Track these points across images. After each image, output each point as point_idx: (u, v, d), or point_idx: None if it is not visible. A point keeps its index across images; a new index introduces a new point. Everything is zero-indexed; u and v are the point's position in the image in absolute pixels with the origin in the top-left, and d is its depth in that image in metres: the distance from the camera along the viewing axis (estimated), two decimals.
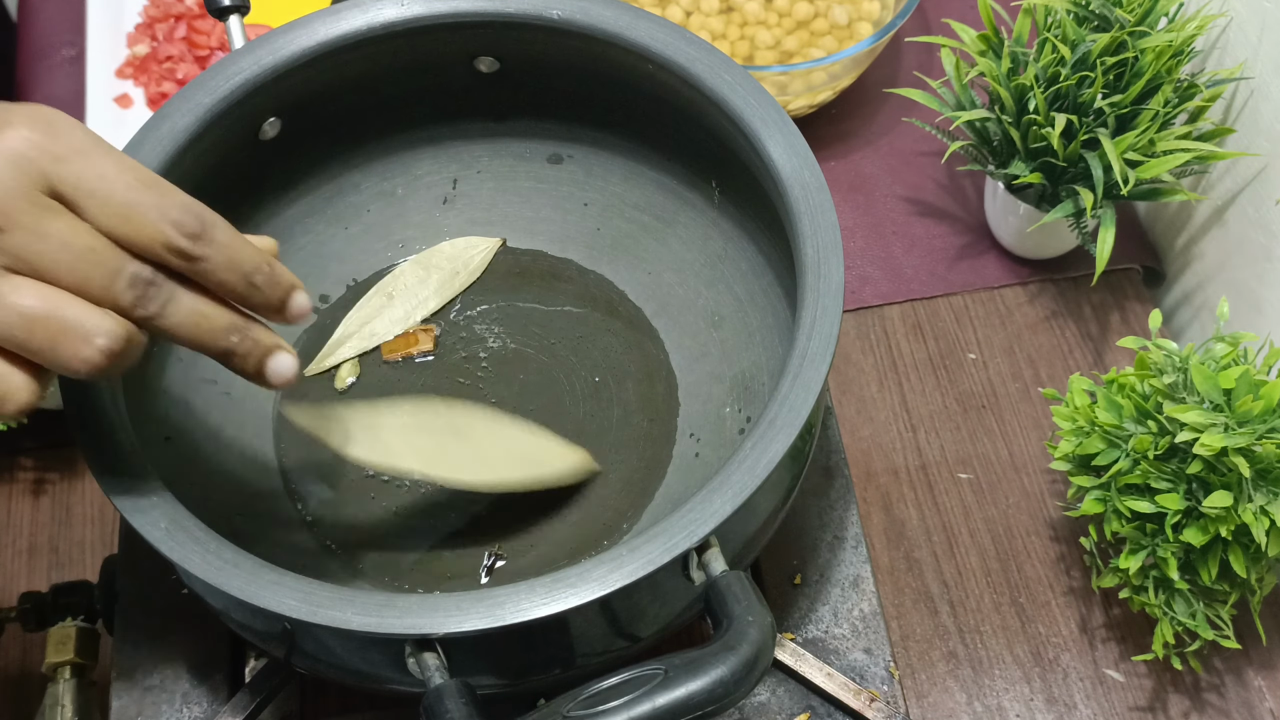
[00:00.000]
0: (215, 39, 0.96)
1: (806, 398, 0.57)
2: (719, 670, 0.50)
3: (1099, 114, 0.76)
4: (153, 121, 0.65)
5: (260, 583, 0.53)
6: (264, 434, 0.72)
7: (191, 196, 0.50)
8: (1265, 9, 0.75)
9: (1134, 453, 0.67)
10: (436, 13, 0.69)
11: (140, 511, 0.55)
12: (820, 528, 0.73)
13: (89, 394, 0.58)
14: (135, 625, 0.69)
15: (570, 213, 0.78)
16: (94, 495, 0.81)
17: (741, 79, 0.65)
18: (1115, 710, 0.74)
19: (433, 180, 0.78)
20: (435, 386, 0.74)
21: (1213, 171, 0.83)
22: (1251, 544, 0.66)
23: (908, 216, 0.91)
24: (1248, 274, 0.81)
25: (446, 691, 0.51)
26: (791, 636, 0.70)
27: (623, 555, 0.53)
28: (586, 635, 0.59)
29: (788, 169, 0.63)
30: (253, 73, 0.67)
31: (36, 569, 0.79)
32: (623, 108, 0.73)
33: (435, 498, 0.70)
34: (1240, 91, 0.79)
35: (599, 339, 0.75)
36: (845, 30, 0.93)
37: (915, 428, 0.83)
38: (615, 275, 0.77)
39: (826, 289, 0.59)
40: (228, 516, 0.67)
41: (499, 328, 0.76)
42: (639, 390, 0.73)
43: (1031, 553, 0.79)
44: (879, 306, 0.88)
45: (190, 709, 0.67)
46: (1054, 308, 0.88)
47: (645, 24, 0.67)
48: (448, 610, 0.52)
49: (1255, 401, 0.64)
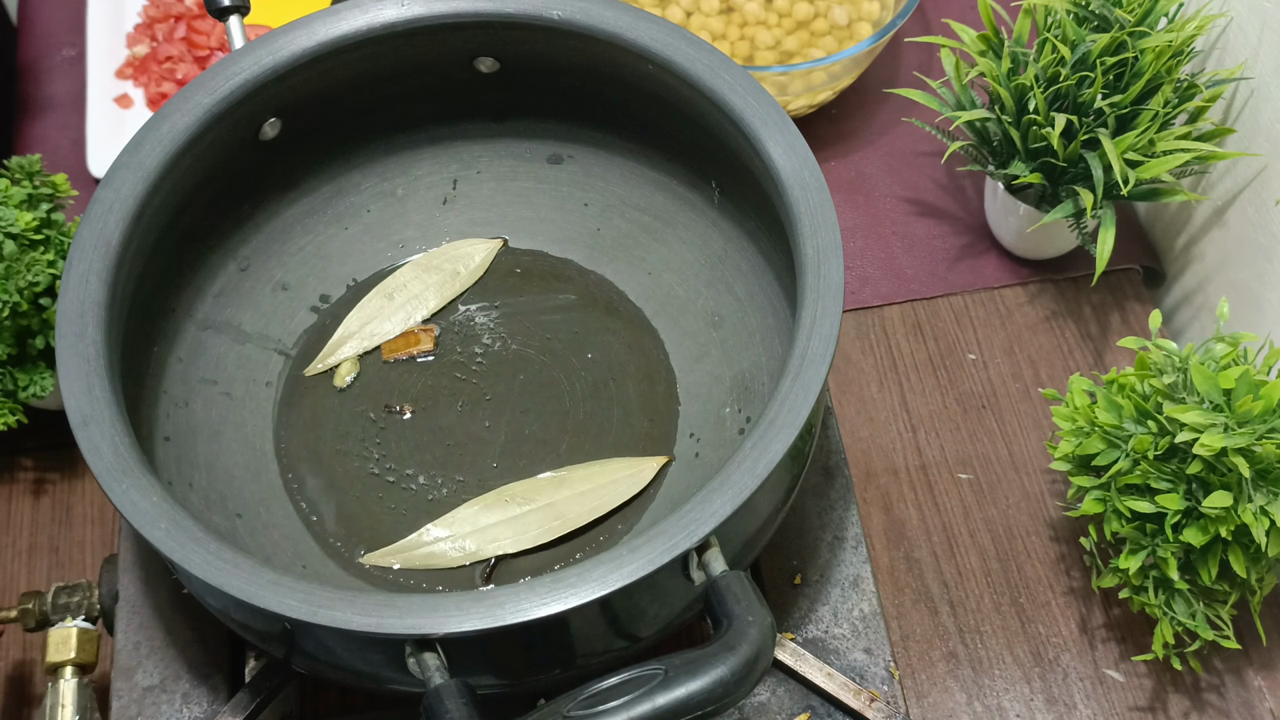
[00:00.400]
0: (215, 39, 0.96)
1: (806, 398, 0.57)
2: (719, 670, 0.50)
3: (1099, 114, 0.76)
4: (153, 122, 0.65)
5: (260, 583, 0.53)
6: (264, 434, 0.72)
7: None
8: (1265, 9, 0.75)
9: (1134, 453, 0.67)
10: (436, 13, 0.69)
11: (140, 511, 0.55)
12: (820, 528, 0.73)
13: (89, 394, 0.58)
14: (135, 625, 0.69)
15: (570, 213, 0.78)
16: (94, 495, 0.81)
17: (741, 79, 0.65)
18: (1115, 710, 0.74)
19: (433, 180, 0.79)
20: (435, 385, 0.74)
21: (1213, 172, 0.83)
22: (1251, 544, 0.66)
23: (907, 217, 0.91)
24: (1248, 274, 0.81)
25: (446, 691, 0.51)
26: (791, 636, 0.70)
27: (623, 555, 0.53)
28: (586, 635, 0.59)
29: (788, 169, 0.63)
30: (253, 73, 0.67)
31: (36, 569, 0.79)
32: (623, 108, 0.73)
33: (436, 498, 0.70)
34: (1240, 92, 0.79)
35: (599, 339, 0.75)
36: (845, 30, 0.93)
37: (915, 428, 0.83)
38: (615, 275, 0.77)
39: (826, 289, 0.59)
40: (228, 517, 0.67)
41: (499, 327, 0.76)
42: (639, 390, 0.73)
43: (1031, 553, 0.79)
44: (879, 307, 0.88)
45: (190, 709, 0.67)
46: (1054, 308, 0.88)
47: (645, 24, 0.67)
48: (448, 610, 0.52)
49: (1255, 402, 0.64)
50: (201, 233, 0.72)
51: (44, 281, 0.73)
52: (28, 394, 0.75)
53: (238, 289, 0.74)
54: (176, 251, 0.70)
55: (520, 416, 0.72)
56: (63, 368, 0.58)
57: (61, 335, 0.59)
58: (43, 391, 0.76)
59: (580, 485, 0.69)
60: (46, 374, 0.76)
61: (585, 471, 0.70)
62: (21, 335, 0.75)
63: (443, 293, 0.76)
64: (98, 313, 0.60)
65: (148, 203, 0.64)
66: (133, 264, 0.64)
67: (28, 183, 0.76)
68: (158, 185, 0.64)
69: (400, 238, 0.78)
